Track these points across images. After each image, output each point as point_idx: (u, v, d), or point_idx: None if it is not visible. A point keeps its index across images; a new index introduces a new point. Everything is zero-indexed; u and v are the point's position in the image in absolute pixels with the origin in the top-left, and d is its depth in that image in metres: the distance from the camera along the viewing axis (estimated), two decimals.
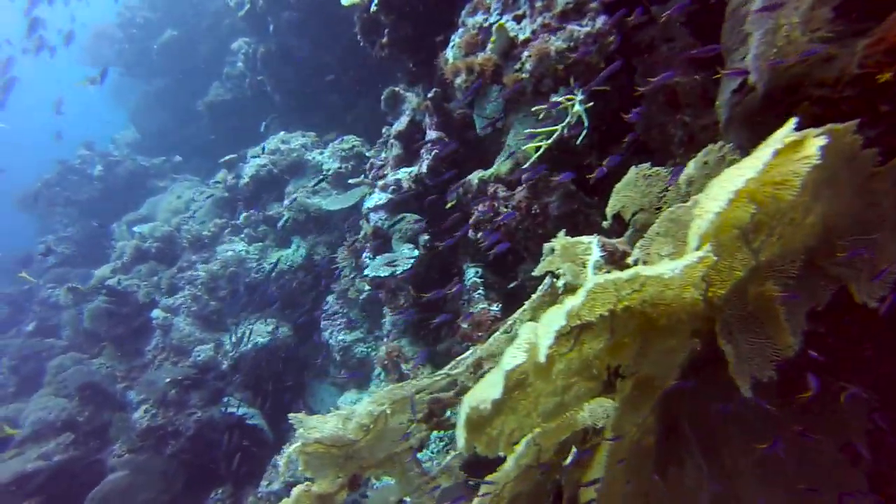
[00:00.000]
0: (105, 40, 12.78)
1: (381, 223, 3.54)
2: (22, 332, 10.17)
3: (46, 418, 7.07)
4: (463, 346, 3.52)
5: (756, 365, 1.75)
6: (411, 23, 3.42)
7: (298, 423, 2.25)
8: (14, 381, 9.20)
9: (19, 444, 6.97)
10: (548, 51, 1.99)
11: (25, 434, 6.97)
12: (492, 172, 3.04)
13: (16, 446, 6.96)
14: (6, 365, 9.29)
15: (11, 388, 9.26)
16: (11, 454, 6.79)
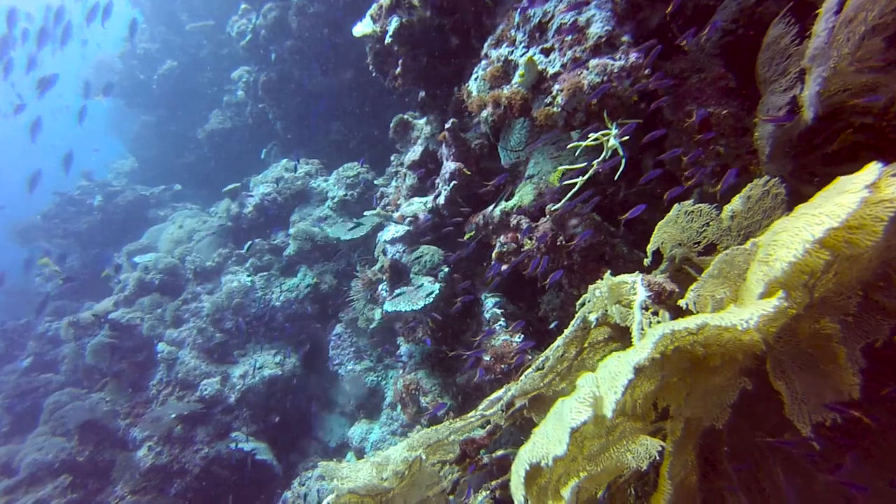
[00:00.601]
0: (105, 71, 12.86)
1: (398, 256, 3.48)
2: (18, 368, 9.95)
3: (43, 460, 6.84)
4: (486, 380, 3.44)
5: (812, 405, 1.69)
6: (425, 53, 3.42)
7: (329, 472, 2.16)
8: (8, 419, 8.95)
9: (13, 488, 6.73)
10: (581, 85, 1.97)
11: (21, 477, 6.74)
12: (514, 203, 3.00)
13: (8, 491, 6.71)
14: (1, 403, 9.04)
15: (5, 428, 8.99)
16: (4, 501, 6.53)
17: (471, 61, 3.58)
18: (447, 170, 3.28)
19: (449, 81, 3.62)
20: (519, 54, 2.32)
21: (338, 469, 2.14)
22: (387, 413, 6.12)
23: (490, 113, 2.41)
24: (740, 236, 1.91)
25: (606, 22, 1.99)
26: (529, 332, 3.58)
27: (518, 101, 2.23)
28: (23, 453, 7.21)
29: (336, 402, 6.88)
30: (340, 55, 7.64)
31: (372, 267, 4.91)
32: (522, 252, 3.01)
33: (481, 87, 2.49)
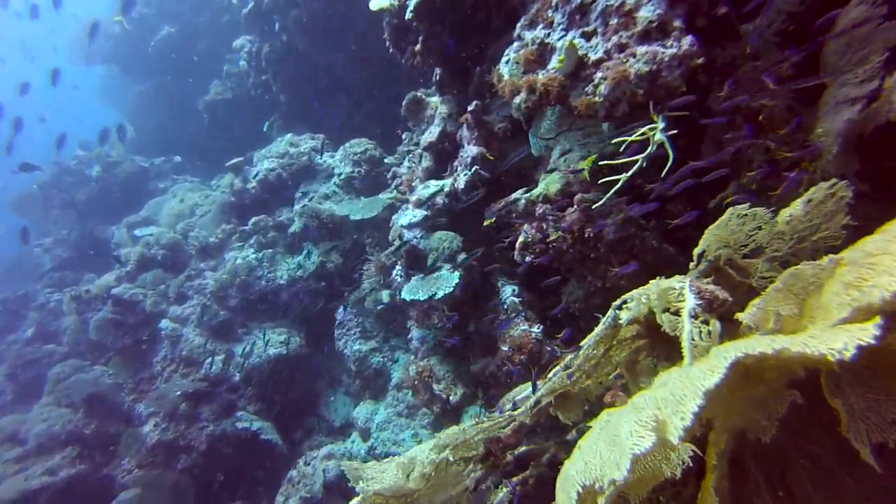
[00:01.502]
0: (102, 37, 12.42)
1: (415, 241, 3.38)
2: (20, 338, 9.92)
3: (51, 431, 6.87)
4: (504, 371, 3.38)
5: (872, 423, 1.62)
6: (446, 31, 3.24)
7: (353, 473, 2.10)
8: (11, 388, 8.97)
9: (22, 457, 6.78)
10: (627, 74, 1.83)
11: (30, 447, 6.77)
12: (539, 192, 2.88)
13: (18, 460, 6.76)
14: (3, 372, 9.05)
15: (9, 396, 9.03)
16: (14, 469, 6.59)
17: (492, 39, 3.40)
18: (468, 154, 3.14)
19: (470, 60, 3.44)
20: (556, 37, 2.16)
21: (363, 470, 2.08)
22: (392, 394, 6.11)
23: (524, 99, 2.26)
24: (793, 240, 1.81)
25: (657, 5, 1.83)
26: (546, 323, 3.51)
27: (555, 88, 2.09)
28: (29, 423, 7.23)
29: (341, 381, 6.87)
30: (348, 26, 7.36)
31: (385, 250, 4.80)
32: (547, 242, 2.90)
33: (514, 70, 2.34)
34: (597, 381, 2.66)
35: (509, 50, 2.47)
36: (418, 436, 5.85)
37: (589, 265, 2.90)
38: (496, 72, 2.53)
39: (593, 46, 1.99)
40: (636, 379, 2.67)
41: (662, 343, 2.54)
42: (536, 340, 3.32)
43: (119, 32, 12.21)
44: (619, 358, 2.63)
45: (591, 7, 2.01)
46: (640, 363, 2.65)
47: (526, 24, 2.39)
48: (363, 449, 5.98)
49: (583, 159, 2.83)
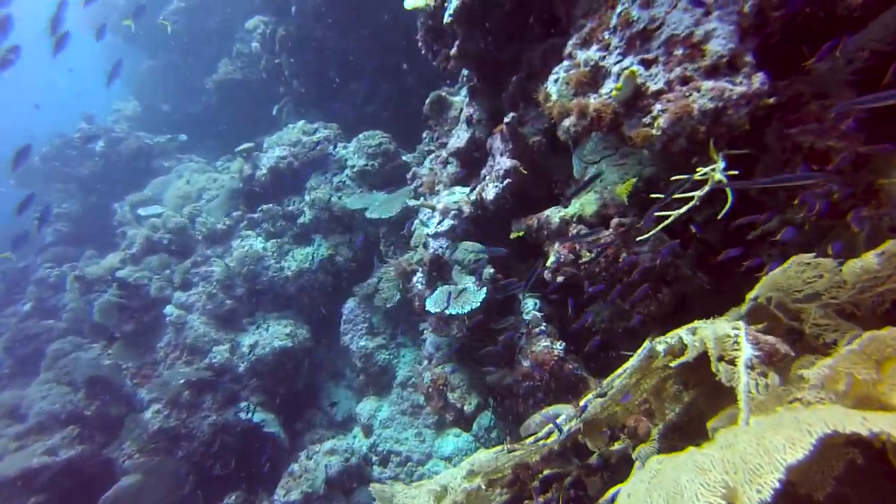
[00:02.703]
0: (107, 6, 12.12)
1: (441, 251, 3.31)
2: (18, 311, 9.84)
3: (51, 409, 6.84)
4: (526, 386, 3.34)
5: None
6: (484, 36, 3.14)
7: (383, 496, 2.06)
8: (9, 362, 8.93)
9: (23, 434, 6.76)
10: (689, 109, 1.75)
11: (29, 425, 6.75)
12: (574, 212, 2.81)
13: (18, 437, 6.74)
14: (1, 345, 9.00)
15: (7, 370, 8.98)
16: (14, 446, 6.57)
17: (529, 46, 3.30)
18: (501, 166, 3.06)
19: (504, 66, 3.35)
20: (612, 62, 2.08)
21: (392, 495, 2.04)
22: (397, 392, 6.10)
23: (573, 123, 2.18)
24: (855, 289, 1.76)
25: (729, 38, 1.74)
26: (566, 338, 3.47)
27: (608, 115, 2.02)
28: (29, 399, 7.20)
29: (344, 375, 6.84)
30: (365, 13, 7.20)
31: (400, 250, 4.74)
32: (580, 264, 2.85)
33: (563, 91, 2.26)
34: (624, 408, 2.64)
35: (559, 68, 2.37)
36: (421, 435, 5.85)
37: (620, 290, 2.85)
38: (543, 90, 2.44)
39: (653, 76, 1.91)
40: (662, 405, 2.64)
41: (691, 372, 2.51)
42: (559, 358, 3.28)
43: (125, 3, 11.93)
44: (647, 385, 2.61)
45: (655, 34, 1.92)
46: (667, 390, 2.62)
47: (578, 44, 2.30)
48: (365, 445, 5.98)
49: (620, 182, 2.76)
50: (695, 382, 2.57)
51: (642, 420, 2.74)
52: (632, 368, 2.32)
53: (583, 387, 3.28)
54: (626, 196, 2.62)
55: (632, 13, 2.00)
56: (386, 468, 5.78)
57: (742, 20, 1.75)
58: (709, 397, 2.56)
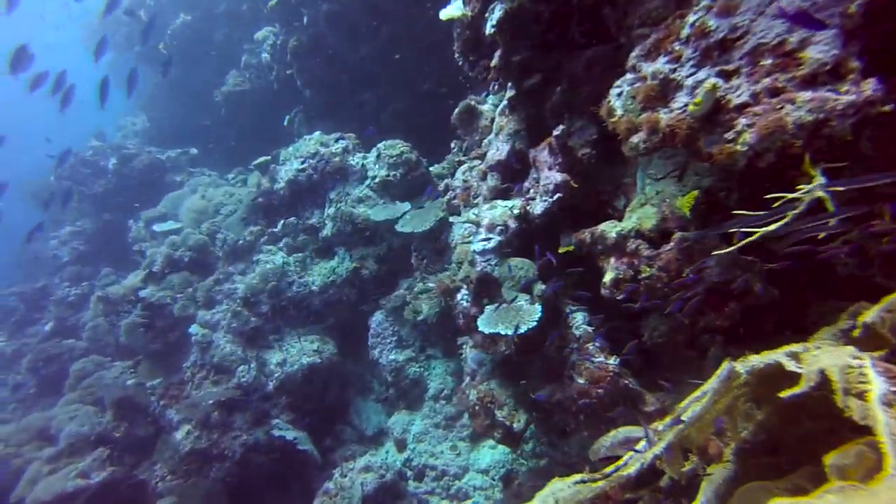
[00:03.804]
0: (112, 23, 12.09)
1: (489, 268, 3.21)
2: (40, 331, 9.86)
3: (80, 431, 6.85)
4: (582, 403, 3.24)
5: None
6: (526, 46, 3.04)
7: None
8: (34, 382, 8.97)
9: (54, 457, 6.76)
10: (783, 123, 1.64)
11: (61, 447, 6.76)
12: (632, 226, 2.71)
13: (51, 460, 6.75)
14: (25, 366, 9.05)
15: (32, 390, 9.03)
16: (47, 469, 6.59)
17: (571, 56, 3.20)
18: (551, 180, 2.96)
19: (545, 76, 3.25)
20: (685, 74, 1.97)
21: None
22: (429, 405, 6.01)
23: (643, 139, 2.08)
24: None
25: (831, 43, 1.63)
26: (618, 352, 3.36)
27: (683, 130, 1.91)
28: (57, 420, 7.20)
29: (372, 389, 6.76)
30: (380, 23, 7.10)
31: (437, 265, 4.65)
32: (639, 280, 2.74)
33: (629, 105, 2.15)
34: (698, 430, 2.53)
35: (621, 82, 2.27)
36: (457, 448, 5.76)
37: (682, 304, 2.74)
38: (605, 104, 2.34)
39: (735, 88, 1.80)
40: (734, 423, 2.54)
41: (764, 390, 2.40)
42: (614, 374, 3.18)
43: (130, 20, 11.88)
44: (721, 405, 2.50)
45: (737, 44, 1.81)
46: (739, 408, 2.52)
47: (642, 55, 2.19)
48: (399, 460, 5.90)
49: (679, 194, 2.65)
50: (768, 401, 2.47)
51: (712, 439, 2.64)
52: (713, 392, 2.22)
53: (640, 403, 3.18)
54: (688, 209, 2.51)
55: (708, 23, 1.90)
56: (422, 483, 5.70)
57: (846, 22, 1.63)
58: (784, 417, 2.46)
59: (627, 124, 2.17)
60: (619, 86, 2.29)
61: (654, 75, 2.08)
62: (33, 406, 8.98)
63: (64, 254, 10.56)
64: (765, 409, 2.42)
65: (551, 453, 4.75)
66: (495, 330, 3.03)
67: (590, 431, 3.55)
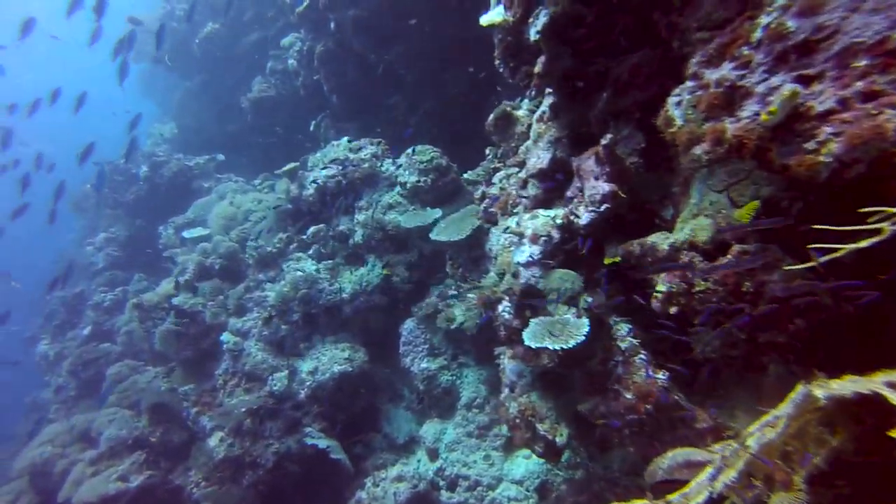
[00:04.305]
0: (143, 34, 12.33)
1: (533, 281, 3.13)
2: (79, 335, 10.14)
3: (119, 435, 7.06)
4: (630, 419, 3.12)
5: None
6: (570, 53, 2.94)
7: None
8: (74, 384, 9.28)
9: (97, 459, 6.95)
10: (881, 130, 1.51)
11: (102, 450, 6.97)
12: (685, 238, 2.59)
13: (93, 462, 6.94)
14: (66, 369, 9.34)
15: (72, 392, 9.33)
16: (90, 471, 6.78)
17: (617, 62, 3.09)
18: (598, 190, 2.86)
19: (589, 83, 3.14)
20: (756, 80, 1.84)
21: None
22: (462, 413, 5.93)
23: (706, 150, 1.96)
24: None
25: None
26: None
27: (753, 141, 1.79)
28: (97, 423, 7.43)
29: (403, 396, 6.71)
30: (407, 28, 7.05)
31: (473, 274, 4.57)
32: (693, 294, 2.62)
33: (690, 114, 2.04)
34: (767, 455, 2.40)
35: (681, 90, 2.15)
36: (490, 458, 5.67)
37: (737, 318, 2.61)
38: (663, 114, 2.22)
39: (817, 94, 1.67)
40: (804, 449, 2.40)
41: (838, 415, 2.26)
42: (663, 389, 3.06)
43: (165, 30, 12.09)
44: (793, 429, 2.37)
45: (822, 45, 1.68)
46: (810, 433, 2.38)
47: (704, 62, 2.07)
48: (431, 470, 5.83)
49: (736, 205, 2.52)
50: (842, 426, 2.33)
51: (779, 464, 2.50)
52: (787, 418, 2.09)
53: (692, 420, 3.04)
54: (747, 220, 2.38)
55: (786, 24, 1.76)
56: (454, 493, 5.62)
57: None
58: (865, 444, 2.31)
59: (689, 135, 2.06)
60: (678, 94, 2.17)
61: (718, 83, 1.96)
62: (74, 407, 9.27)
63: (99, 260, 10.81)
64: (838, 435, 2.27)
65: (590, 465, 4.63)
66: (542, 344, 2.94)
67: (636, 447, 3.43)
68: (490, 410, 5.69)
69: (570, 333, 2.91)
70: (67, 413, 9.19)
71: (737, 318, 2.35)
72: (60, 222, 11.72)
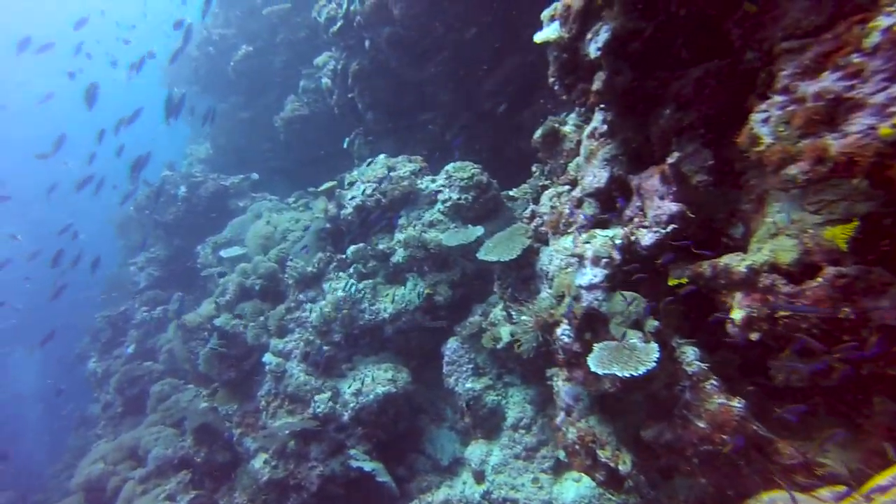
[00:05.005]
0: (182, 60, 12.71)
1: (596, 304, 3.01)
2: (124, 353, 10.42)
3: (165, 454, 7.20)
4: (704, 450, 2.95)
5: None
6: (630, 69, 2.84)
7: None
8: (120, 401, 9.56)
9: (145, 478, 7.09)
10: None
11: (150, 469, 7.14)
12: (765, 259, 2.43)
13: (142, 481, 7.08)
14: (113, 386, 9.63)
15: (119, 409, 9.62)
16: (140, 489, 6.92)
17: (676, 76, 2.97)
18: (664, 210, 2.74)
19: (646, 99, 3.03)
20: (871, 91, 1.70)
21: None
22: (508, 435, 5.78)
23: (804, 170, 1.83)
24: None
25: None
26: None
27: (867, 158, 1.65)
28: (144, 441, 7.62)
29: (445, 416, 6.60)
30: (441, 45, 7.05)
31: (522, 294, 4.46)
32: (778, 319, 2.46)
33: (782, 132, 1.91)
34: None
35: (768, 106, 2.02)
36: (538, 481, 5.50)
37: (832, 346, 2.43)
38: (747, 132, 2.09)
39: None
40: None
41: None
42: (740, 418, 2.88)
43: (199, 55, 12.46)
44: None
45: None
46: None
47: (797, 74, 1.94)
48: (478, 493, 5.69)
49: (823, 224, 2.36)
50: None
51: None
52: None
53: (774, 453, 2.85)
54: (843, 242, 2.22)
55: None
56: None
57: None
58: None
59: (781, 154, 1.92)
60: (764, 110, 2.04)
61: (818, 95, 1.83)
62: (120, 424, 9.55)
63: (141, 280, 11.09)
64: None
65: (649, 492, 4.43)
66: (609, 371, 2.81)
67: (709, 479, 3.25)
68: (537, 431, 5.53)
69: (640, 359, 2.78)
70: (114, 429, 9.45)
71: (842, 347, 2.18)
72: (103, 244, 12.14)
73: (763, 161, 2.03)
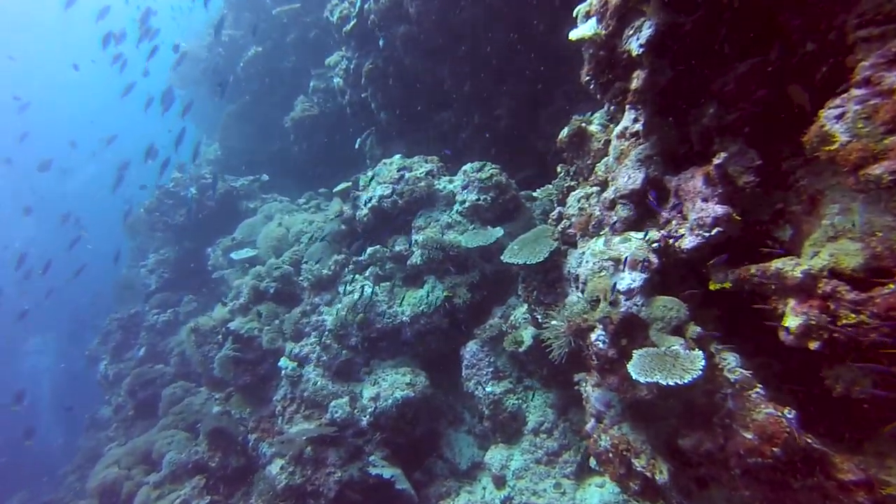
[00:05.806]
0: (191, 61, 12.66)
1: (636, 309, 2.90)
2: (135, 356, 10.39)
3: (179, 459, 7.15)
4: (752, 463, 2.83)
5: None
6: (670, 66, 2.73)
7: None
8: (132, 404, 9.51)
9: (160, 483, 7.03)
10: None
11: (164, 473, 7.09)
12: (824, 264, 2.32)
13: (157, 486, 7.03)
14: (125, 389, 9.61)
15: (130, 412, 9.58)
16: (155, 494, 6.87)
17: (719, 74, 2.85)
18: (709, 213, 2.62)
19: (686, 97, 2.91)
20: None
21: None
22: (529, 439, 5.68)
23: (890, 170, 1.72)
24: None
25: None
26: None
27: None
28: (158, 445, 7.58)
29: (464, 420, 6.50)
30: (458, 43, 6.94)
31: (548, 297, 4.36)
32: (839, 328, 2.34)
33: (861, 129, 1.80)
34: None
35: (843, 101, 1.90)
36: (561, 486, 5.40)
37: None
38: (817, 129, 1.98)
39: None
40: None
41: None
42: (790, 430, 2.76)
43: (208, 56, 12.41)
44: None
45: None
46: None
47: (882, 64, 1.81)
48: (498, 498, 5.60)
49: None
50: None
51: None
52: None
53: (831, 468, 2.73)
54: None
55: None
56: None
57: None
58: None
59: (861, 152, 1.81)
60: (839, 105, 1.92)
61: None
62: (132, 426, 9.51)
63: (152, 282, 11.04)
64: None
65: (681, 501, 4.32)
66: (652, 380, 2.70)
67: (752, 492, 3.13)
68: (559, 436, 5.44)
69: (685, 367, 2.66)
70: (126, 431, 9.41)
71: None
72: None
73: (837, 161, 1.91)
